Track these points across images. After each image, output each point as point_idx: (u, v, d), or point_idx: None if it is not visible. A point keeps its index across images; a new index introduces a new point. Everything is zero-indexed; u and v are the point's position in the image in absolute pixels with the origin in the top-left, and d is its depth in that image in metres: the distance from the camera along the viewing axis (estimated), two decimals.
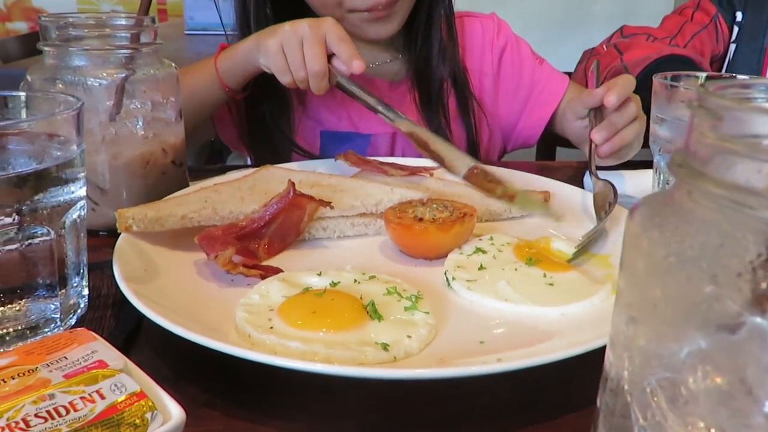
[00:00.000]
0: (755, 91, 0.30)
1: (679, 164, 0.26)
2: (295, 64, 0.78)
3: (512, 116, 1.08)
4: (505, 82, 1.07)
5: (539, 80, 1.06)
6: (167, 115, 0.73)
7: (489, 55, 1.05)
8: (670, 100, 0.68)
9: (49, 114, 0.49)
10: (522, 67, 1.06)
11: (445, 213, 0.63)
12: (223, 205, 0.63)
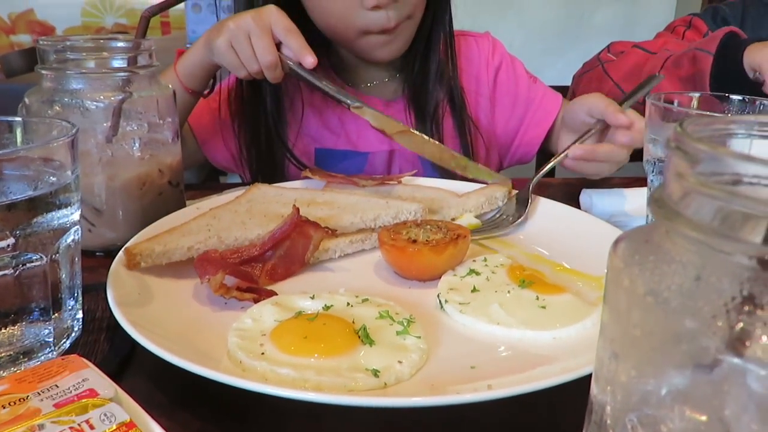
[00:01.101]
0: (737, 127, 0.30)
1: (657, 202, 0.27)
2: (247, 59, 0.80)
3: (509, 134, 1.09)
4: (501, 100, 1.08)
5: (534, 98, 1.08)
6: (164, 135, 0.74)
7: (485, 74, 1.06)
8: (664, 120, 0.68)
9: (44, 142, 0.49)
10: (517, 86, 1.07)
11: (438, 234, 0.63)
12: (227, 232, 0.63)
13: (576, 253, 0.67)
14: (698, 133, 0.29)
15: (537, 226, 0.75)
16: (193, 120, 0.98)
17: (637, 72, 1.21)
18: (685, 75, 1.09)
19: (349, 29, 0.89)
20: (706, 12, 1.42)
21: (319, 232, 0.62)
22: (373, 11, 0.86)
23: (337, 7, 0.88)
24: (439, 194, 0.77)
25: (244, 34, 0.79)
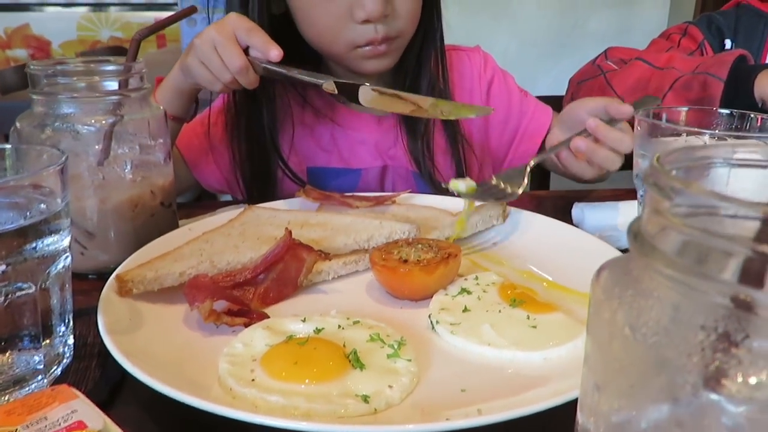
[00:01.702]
0: (716, 157, 0.30)
1: (634, 236, 0.27)
2: (218, 70, 0.81)
3: (502, 148, 1.10)
4: (493, 117, 1.08)
5: (527, 111, 1.09)
6: (156, 157, 0.74)
7: (477, 88, 1.07)
8: (651, 136, 0.69)
9: (34, 172, 0.49)
10: (510, 99, 1.08)
11: (429, 254, 0.63)
12: (219, 256, 0.63)
13: (567, 269, 0.67)
14: (676, 165, 0.29)
15: (528, 240, 0.75)
16: (182, 145, 0.98)
17: (642, 86, 1.21)
18: (695, 98, 1.10)
19: (339, 42, 0.90)
20: (701, 20, 1.44)
21: (312, 255, 0.62)
22: (363, 25, 0.87)
23: (326, 20, 0.88)
24: (433, 213, 0.77)
25: (210, 47, 0.80)
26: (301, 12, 0.90)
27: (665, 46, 1.40)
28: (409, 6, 0.91)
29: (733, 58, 1.07)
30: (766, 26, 1.37)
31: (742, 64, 1.07)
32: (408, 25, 0.92)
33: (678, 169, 0.29)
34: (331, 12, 0.87)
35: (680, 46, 1.39)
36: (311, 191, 0.81)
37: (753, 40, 1.37)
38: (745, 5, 1.42)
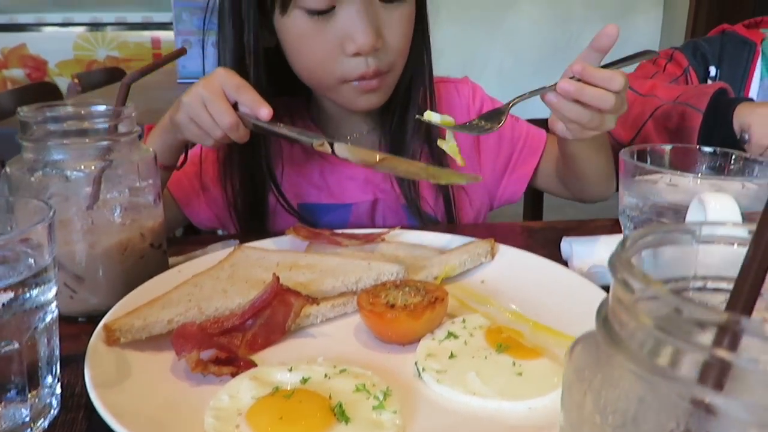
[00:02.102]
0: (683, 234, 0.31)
1: (603, 322, 0.27)
2: (208, 127, 0.81)
3: (495, 176, 1.10)
4: (485, 144, 1.09)
5: (519, 138, 1.09)
6: (145, 199, 0.74)
7: (466, 119, 1.07)
8: (633, 176, 0.70)
9: (22, 231, 0.50)
10: (501, 127, 1.07)
11: (416, 298, 0.64)
12: (207, 302, 0.63)
13: (554, 309, 0.68)
14: (645, 245, 0.30)
15: (516, 279, 0.75)
16: (172, 185, 0.99)
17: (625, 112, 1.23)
18: (674, 128, 1.11)
19: (329, 76, 0.90)
20: (687, 46, 1.46)
21: (300, 300, 0.63)
22: (353, 58, 0.87)
23: (316, 54, 0.89)
24: (422, 251, 0.78)
25: (199, 104, 0.80)
26: (291, 45, 0.91)
27: (652, 71, 1.42)
28: (400, 39, 0.91)
29: (713, 90, 1.08)
30: (750, 53, 1.39)
31: (722, 97, 1.09)
32: (399, 59, 0.93)
33: (647, 248, 0.30)
34: (322, 46, 0.88)
35: (666, 71, 1.41)
36: (301, 229, 0.82)
37: (737, 67, 1.39)
38: (730, 32, 1.44)
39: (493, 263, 0.78)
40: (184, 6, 2.90)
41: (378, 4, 0.87)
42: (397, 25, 0.89)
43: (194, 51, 3.39)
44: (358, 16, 0.85)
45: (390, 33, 0.89)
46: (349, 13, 0.85)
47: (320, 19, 0.86)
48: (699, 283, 0.32)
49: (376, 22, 0.87)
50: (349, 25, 0.85)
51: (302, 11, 0.86)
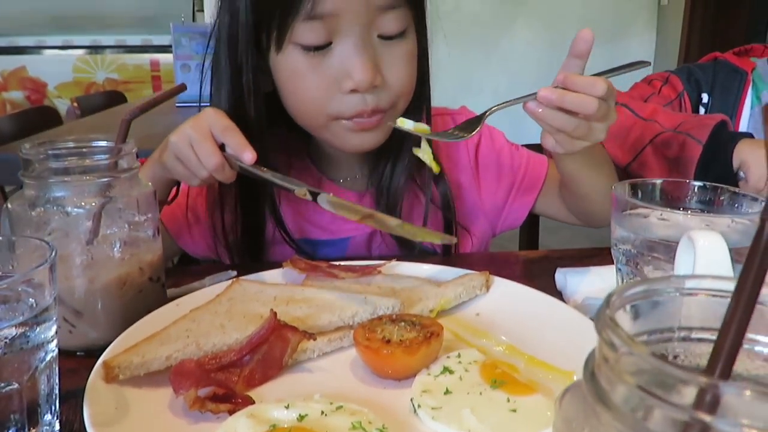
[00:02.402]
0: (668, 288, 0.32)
1: (590, 375, 0.28)
2: (194, 168, 0.82)
3: (497, 205, 1.10)
4: (485, 173, 1.08)
5: (520, 166, 1.08)
6: (145, 233, 0.75)
7: (465, 150, 1.08)
8: (623, 210, 0.71)
9: (24, 274, 0.51)
10: (500, 157, 1.08)
11: (412, 333, 0.64)
12: (205, 338, 0.64)
13: (548, 343, 0.69)
14: (630, 300, 0.31)
15: (510, 312, 0.76)
16: (164, 216, 0.99)
17: (624, 134, 1.24)
18: (673, 156, 1.13)
19: (320, 114, 0.88)
20: (681, 70, 1.48)
21: (297, 335, 0.64)
22: (350, 95, 0.86)
23: (311, 90, 0.87)
24: (417, 284, 0.79)
25: (186, 144, 0.81)
26: (285, 84, 0.89)
27: (647, 91, 1.44)
28: (401, 77, 0.89)
29: (714, 122, 1.10)
30: (741, 82, 1.42)
31: (723, 130, 1.10)
32: (401, 98, 0.91)
33: (633, 302, 0.31)
34: (316, 82, 0.86)
35: (661, 93, 1.44)
36: (298, 261, 0.83)
37: (729, 94, 1.41)
38: (722, 61, 1.46)
39: (487, 296, 0.79)
40: (183, 31, 2.94)
41: (377, 40, 0.86)
42: (398, 62, 0.88)
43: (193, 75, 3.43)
44: (356, 52, 0.84)
45: (390, 70, 0.87)
46: (346, 48, 0.84)
47: (316, 56, 0.85)
48: (684, 333, 0.33)
49: (374, 59, 0.85)
50: (346, 61, 0.84)
51: (297, 47, 0.85)
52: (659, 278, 0.30)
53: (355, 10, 0.83)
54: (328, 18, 0.82)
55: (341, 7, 0.82)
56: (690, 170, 1.09)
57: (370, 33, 0.85)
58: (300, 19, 0.82)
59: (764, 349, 0.32)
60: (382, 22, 0.85)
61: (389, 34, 0.87)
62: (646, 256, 0.69)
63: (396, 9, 0.86)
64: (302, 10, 0.81)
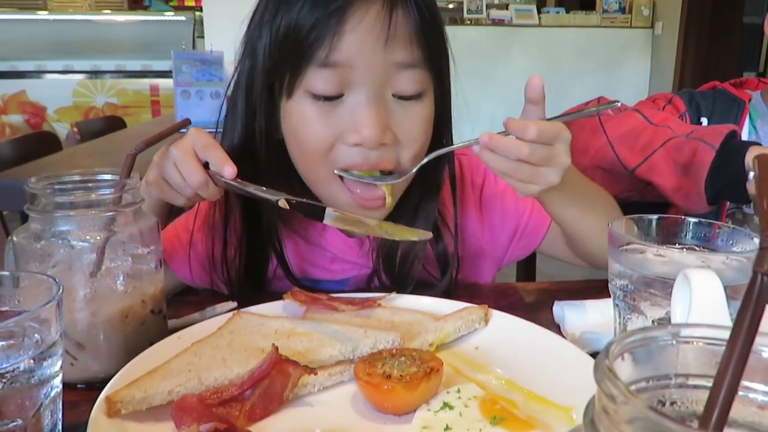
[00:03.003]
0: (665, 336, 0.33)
1: (590, 424, 0.29)
2: (179, 186, 0.82)
3: (501, 247, 1.09)
4: (488, 216, 1.08)
5: (525, 208, 1.07)
6: (147, 265, 0.76)
7: (470, 192, 1.07)
8: (618, 246, 0.72)
9: (32, 312, 0.51)
10: (504, 200, 1.07)
11: (412, 368, 0.65)
12: (207, 372, 0.65)
13: (547, 378, 0.69)
14: (628, 348, 0.32)
15: (509, 346, 0.77)
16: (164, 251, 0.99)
17: (634, 137, 1.25)
18: (684, 161, 1.13)
19: (321, 165, 0.86)
20: (684, 93, 1.52)
21: (298, 369, 0.64)
22: (354, 148, 0.84)
23: (315, 138, 0.85)
24: (416, 318, 0.80)
25: (170, 164, 0.82)
26: (291, 130, 0.88)
27: (651, 108, 1.46)
28: (412, 138, 0.86)
29: (727, 130, 1.11)
30: (739, 110, 1.45)
31: (734, 137, 1.12)
32: (409, 161, 0.87)
33: (630, 351, 0.32)
34: (322, 131, 0.84)
35: (664, 111, 1.46)
36: (298, 294, 0.83)
37: (727, 120, 1.44)
38: (721, 89, 1.50)
39: (486, 329, 0.80)
40: (184, 59, 2.97)
41: (391, 98, 0.84)
42: (410, 124, 0.86)
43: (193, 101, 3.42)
44: (368, 107, 0.82)
45: (401, 131, 0.85)
46: (357, 102, 0.82)
47: (325, 105, 0.83)
48: (681, 380, 0.34)
49: (385, 117, 0.83)
50: (355, 114, 0.82)
51: (308, 95, 0.83)
52: (656, 326, 0.32)
53: (370, 63, 0.81)
54: (341, 68, 0.81)
55: (356, 58, 0.81)
56: (701, 174, 1.08)
57: (384, 90, 0.84)
58: (313, 66, 0.81)
59: (759, 396, 0.33)
60: (398, 81, 0.84)
61: (405, 94, 0.85)
62: (643, 292, 0.70)
63: (414, 68, 0.84)
64: (316, 57, 0.80)
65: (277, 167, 0.92)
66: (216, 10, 3.99)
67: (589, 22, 5.83)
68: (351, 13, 0.80)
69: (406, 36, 0.83)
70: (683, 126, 1.24)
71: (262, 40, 0.86)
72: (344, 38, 0.80)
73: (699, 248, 0.75)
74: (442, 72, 0.92)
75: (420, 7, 0.84)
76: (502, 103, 5.68)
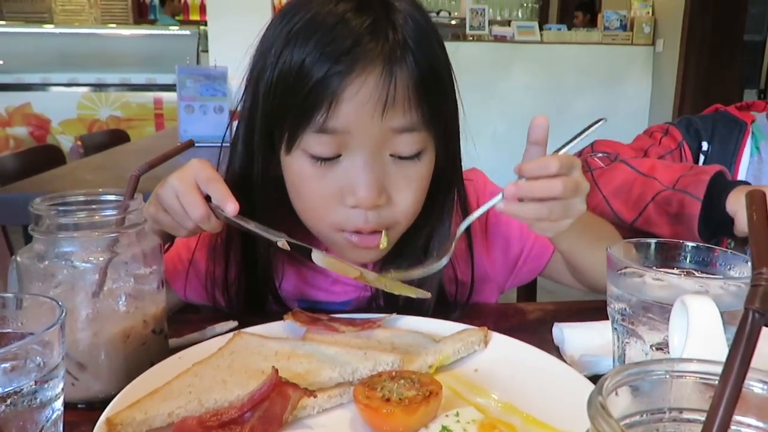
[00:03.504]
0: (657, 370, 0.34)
1: None
2: (180, 218, 0.82)
3: (504, 273, 1.10)
4: (494, 242, 1.08)
5: (529, 235, 1.07)
6: (150, 286, 0.77)
7: (477, 221, 1.06)
8: (617, 270, 0.72)
9: (36, 336, 0.52)
10: (509, 226, 1.07)
11: (411, 391, 0.65)
12: (207, 394, 0.65)
13: (545, 401, 0.70)
14: (622, 382, 0.33)
15: (508, 368, 0.77)
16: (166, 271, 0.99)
17: (627, 190, 1.28)
18: (674, 212, 1.17)
19: (322, 223, 0.88)
20: (681, 122, 1.52)
21: (298, 392, 0.65)
22: (352, 209, 0.84)
23: (314, 198, 0.86)
24: (416, 339, 0.80)
25: (172, 196, 0.81)
26: (291, 184, 0.89)
27: (647, 143, 1.48)
28: (407, 199, 0.87)
29: (709, 177, 1.13)
30: (740, 131, 1.46)
31: (719, 180, 1.13)
32: (404, 219, 0.89)
33: (624, 385, 0.33)
34: (320, 192, 0.85)
35: (661, 143, 1.47)
36: (299, 314, 0.84)
37: (728, 143, 1.45)
38: (723, 112, 1.51)
39: (486, 351, 0.80)
40: (188, 73, 3.00)
41: (388, 159, 0.84)
42: (407, 183, 0.86)
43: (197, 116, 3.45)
44: (364, 169, 0.82)
45: (397, 191, 0.85)
46: (354, 164, 0.82)
47: (323, 166, 0.83)
48: (674, 413, 0.34)
49: (382, 178, 0.83)
50: (352, 176, 0.82)
51: (306, 155, 0.83)
52: (650, 361, 0.32)
53: (368, 129, 0.80)
54: (339, 134, 0.81)
55: (353, 125, 0.80)
56: (693, 225, 1.12)
57: (381, 152, 0.83)
58: (310, 131, 0.81)
59: (751, 430, 0.33)
60: (396, 143, 0.83)
61: (403, 155, 0.85)
62: (641, 316, 0.70)
63: (412, 132, 0.83)
64: (313, 123, 0.80)
65: (273, 204, 0.91)
66: (220, 25, 4.03)
67: (591, 39, 5.87)
68: (350, 80, 0.79)
69: (405, 100, 0.81)
70: (670, 171, 1.25)
71: (263, 82, 0.85)
72: (342, 106, 0.79)
73: (698, 272, 0.76)
74: (446, 129, 0.90)
75: (420, 64, 0.82)
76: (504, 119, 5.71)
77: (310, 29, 0.81)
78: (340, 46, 0.79)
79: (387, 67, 0.80)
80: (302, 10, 0.83)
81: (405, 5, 0.85)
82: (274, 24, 0.87)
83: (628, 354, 0.72)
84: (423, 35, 0.84)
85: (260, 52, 0.88)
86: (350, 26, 0.80)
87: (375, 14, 0.81)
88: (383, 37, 0.80)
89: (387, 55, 0.80)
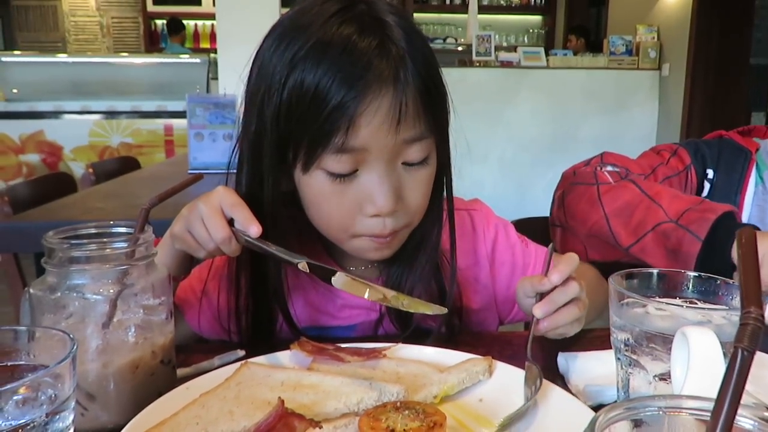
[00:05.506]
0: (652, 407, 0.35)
1: None
2: (203, 240, 0.85)
3: (509, 302, 1.11)
4: (500, 269, 1.10)
5: (529, 263, 1.10)
6: (158, 317, 0.78)
7: (483, 246, 1.09)
8: (620, 301, 0.73)
9: (48, 369, 0.53)
10: (513, 254, 1.10)
11: (416, 422, 0.66)
12: (214, 426, 0.66)
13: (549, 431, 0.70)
14: (618, 418, 0.33)
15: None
16: (178, 300, 1.01)
17: (630, 212, 1.26)
18: (672, 248, 1.15)
19: (343, 233, 0.91)
20: (689, 144, 1.51)
21: (303, 423, 0.65)
22: (371, 218, 0.88)
23: (334, 213, 0.90)
24: (421, 369, 0.80)
25: (197, 218, 0.85)
26: (309, 201, 0.92)
27: (656, 161, 1.47)
28: (418, 199, 0.92)
29: (715, 217, 1.12)
30: (746, 160, 1.45)
31: (726, 221, 1.13)
32: (415, 217, 0.94)
33: (618, 421, 0.34)
34: (340, 206, 0.88)
35: (669, 163, 1.46)
36: (305, 344, 0.85)
37: (734, 172, 1.44)
38: (727, 139, 1.50)
39: (490, 381, 0.81)
40: (198, 102, 3.05)
41: (400, 167, 0.89)
42: (417, 186, 0.91)
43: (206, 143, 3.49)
44: (380, 181, 0.86)
45: (409, 194, 0.90)
46: (371, 177, 0.86)
47: (341, 182, 0.87)
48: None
49: (397, 186, 0.88)
50: (370, 188, 0.86)
51: (324, 173, 0.86)
52: (643, 397, 0.33)
53: (384, 145, 0.84)
54: (357, 151, 0.84)
55: (371, 143, 0.84)
56: (689, 264, 1.10)
57: (395, 162, 0.88)
58: (329, 152, 0.84)
59: None
60: (407, 152, 0.88)
61: (413, 161, 0.89)
62: (644, 347, 0.70)
63: (422, 140, 0.88)
64: (332, 145, 0.83)
65: (285, 221, 0.94)
66: (230, 54, 4.09)
67: (597, 64, 5.90)
68: (366, 103, 0.82)
69: (415, 113, 0.86)
70: (678, 200, 1.23)
71: (270, 106, 0.87)
72: (360, 127, 0.83)
73: (700, 302, 0.76)
74: (444, 131, 0.95)
75: (421, 74, 0.86)
76: (511, 143, 5.74)
77: (317, 54, 0.83)
78: (354, 72, 0.82)
79: (397, 86, 0.83)
80: (302, 33, 0.85)
81: (393, 17, 0.87)
82: (270, 48, 0.89)
83: (632, 384, 0.72)
84: (415, 44, 0.87)
85: (260, 76, 0.90)
86: (359, 50, 0.83)
87: (376, 34, 0.84)
88: (389, 57, 0.84)
89: (395, 73, 0.83)
